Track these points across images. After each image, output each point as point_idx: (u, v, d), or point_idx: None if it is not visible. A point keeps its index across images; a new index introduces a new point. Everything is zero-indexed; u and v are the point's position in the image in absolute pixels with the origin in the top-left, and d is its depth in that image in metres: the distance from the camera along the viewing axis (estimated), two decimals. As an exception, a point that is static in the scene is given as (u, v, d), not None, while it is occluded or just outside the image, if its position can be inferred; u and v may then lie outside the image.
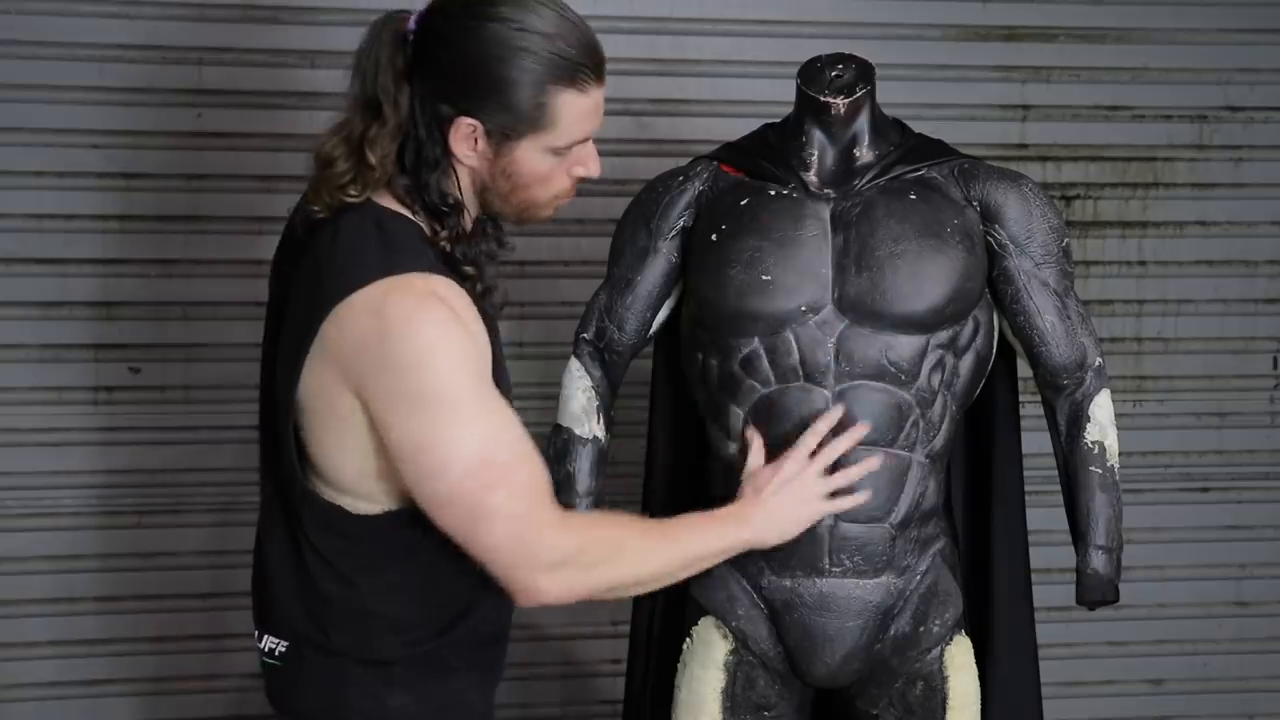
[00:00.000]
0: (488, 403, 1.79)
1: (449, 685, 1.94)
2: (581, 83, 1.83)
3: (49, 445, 3.26)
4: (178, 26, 3.22)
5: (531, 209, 1.93)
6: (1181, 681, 3.72)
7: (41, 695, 3.31)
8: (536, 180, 1.88)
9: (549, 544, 1.81)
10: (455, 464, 1.76)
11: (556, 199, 1.93)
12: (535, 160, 1.86)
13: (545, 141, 1.85)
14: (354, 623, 1.89)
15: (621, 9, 3.37)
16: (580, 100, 1.84)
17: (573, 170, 1.91)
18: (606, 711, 3.40)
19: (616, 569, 1.89)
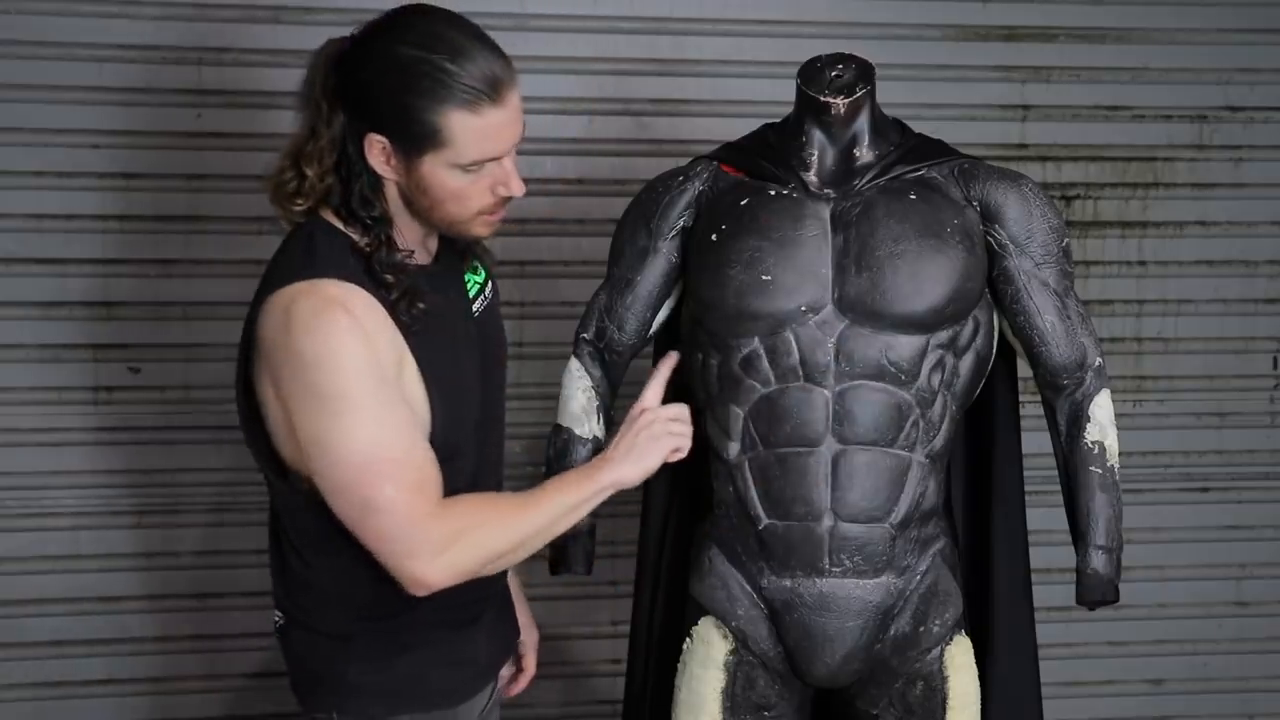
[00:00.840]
0: (382, 403, 1.91)
1: (405, 662, 2.08)
2: (474, 105, 1.90)
3: (49, 445, 3.26)
4: (178, 26, 3.22)
5: (457, 224, 2.01)
6: (1181, 681, 3.72)
7: (42, 695, 3.31)
8: (450, 196, 1.96)
9: (431, 533, 1.92)
10: (345, 458, 1.89)
11: (481, 215, 2.00)
12: (443, 176, 1.95)
13: (447, 158, 1.93)
14: (315, 598, 2.08)
15: (621, 9, 3.37)
16: (474, 120, 1.91)
17: (495, 189, 1.98)
18: (606, 711, 3.40)
19: (493, 539, 1.97)
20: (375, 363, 1.91)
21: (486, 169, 1.96)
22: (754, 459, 2.29)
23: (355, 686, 2.07)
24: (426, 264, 2.06)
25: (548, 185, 3.35)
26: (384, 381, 1.92)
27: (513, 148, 1.97)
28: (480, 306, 2.17)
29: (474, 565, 1.97)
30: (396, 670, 2.08)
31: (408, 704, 2.09)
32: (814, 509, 2.25)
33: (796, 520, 2.26)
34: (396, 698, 2.08)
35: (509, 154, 1.97)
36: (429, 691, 2.10)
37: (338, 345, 1.89)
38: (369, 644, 2.07)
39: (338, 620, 2.07)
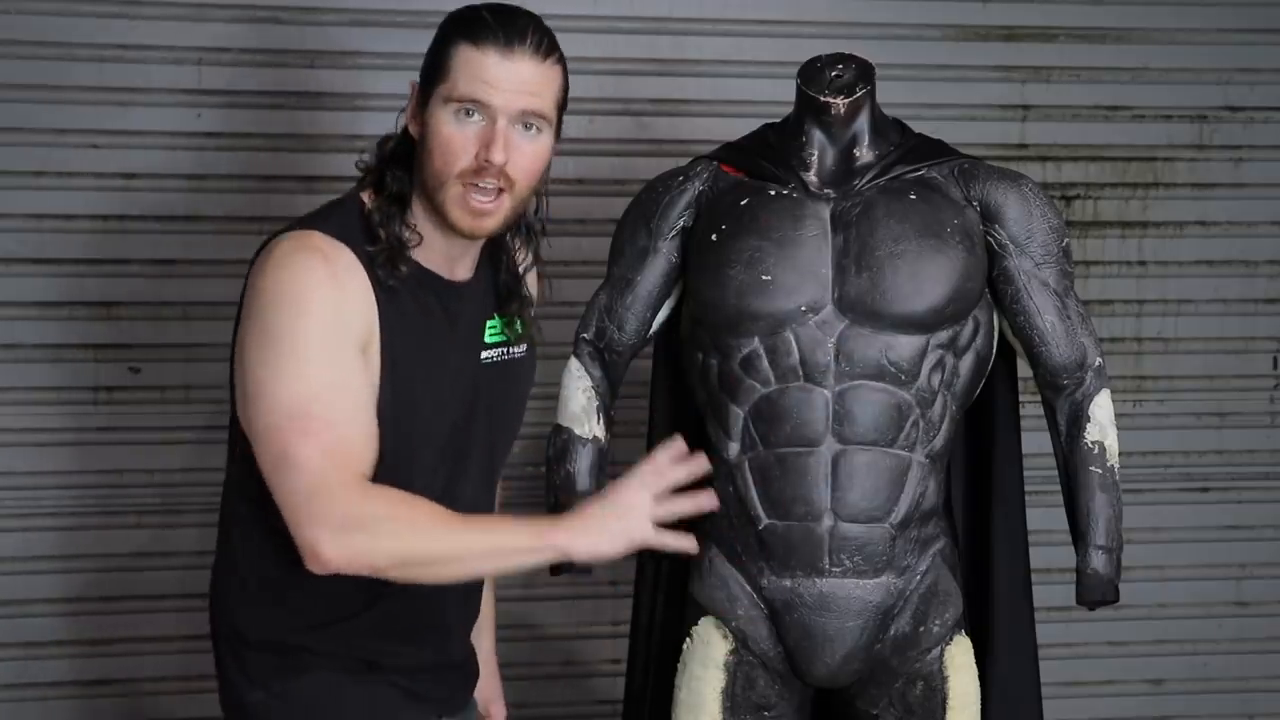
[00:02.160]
0: (333, 359, 1.83)
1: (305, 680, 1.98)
2: (477, 36, 1.90)
3: (49, 445, 3.26)
4: (178, 26, 3.22)
5: (440, 190, 1.93)
6: (1181, 681, 3.72)
7: (42, 695, 3.30)
8: (440, 145, 1.91)
9: (341, 505, 1.81)
10: (276, 403, 1.82)
11: (462, 179, 1.91)
12: (439, 117, 1.91)
13: (444, 92, 1.91)
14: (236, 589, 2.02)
15: (621, 9, 3.37)
16: (473, 53, 1.89)
17: (479, 152, 1.90)
18: (606, 711, 3.40)
19: (403, 542, 1.83)
20: (339, 319, 1.85)
21: (476, 123, 1.90)
22: (754, 459, 2.29)
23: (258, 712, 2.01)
24: (447, 277, 2.00)
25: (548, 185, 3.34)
26: (343, 341, 1.85)
27: (509, 110, 1.89)
28: (495, 358, 2.07)
29: (380, 559, 1.83)
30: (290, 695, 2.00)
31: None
32: (814, 509, 2.25)
33: (796, 520, 2.26)
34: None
35: (503, 115, 1.89)
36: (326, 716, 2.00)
37: (304, 288, 1.84)
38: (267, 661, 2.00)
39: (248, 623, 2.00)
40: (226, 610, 2.05)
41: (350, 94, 3.27)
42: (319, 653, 1.99)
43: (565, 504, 2.39)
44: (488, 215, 1.93)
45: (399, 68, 3.23)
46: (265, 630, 2.00)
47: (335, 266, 1.86)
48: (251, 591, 2.01)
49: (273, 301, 1.85)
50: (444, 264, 1.99)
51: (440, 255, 1.98)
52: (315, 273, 1.85)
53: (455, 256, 2.00)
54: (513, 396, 2.13)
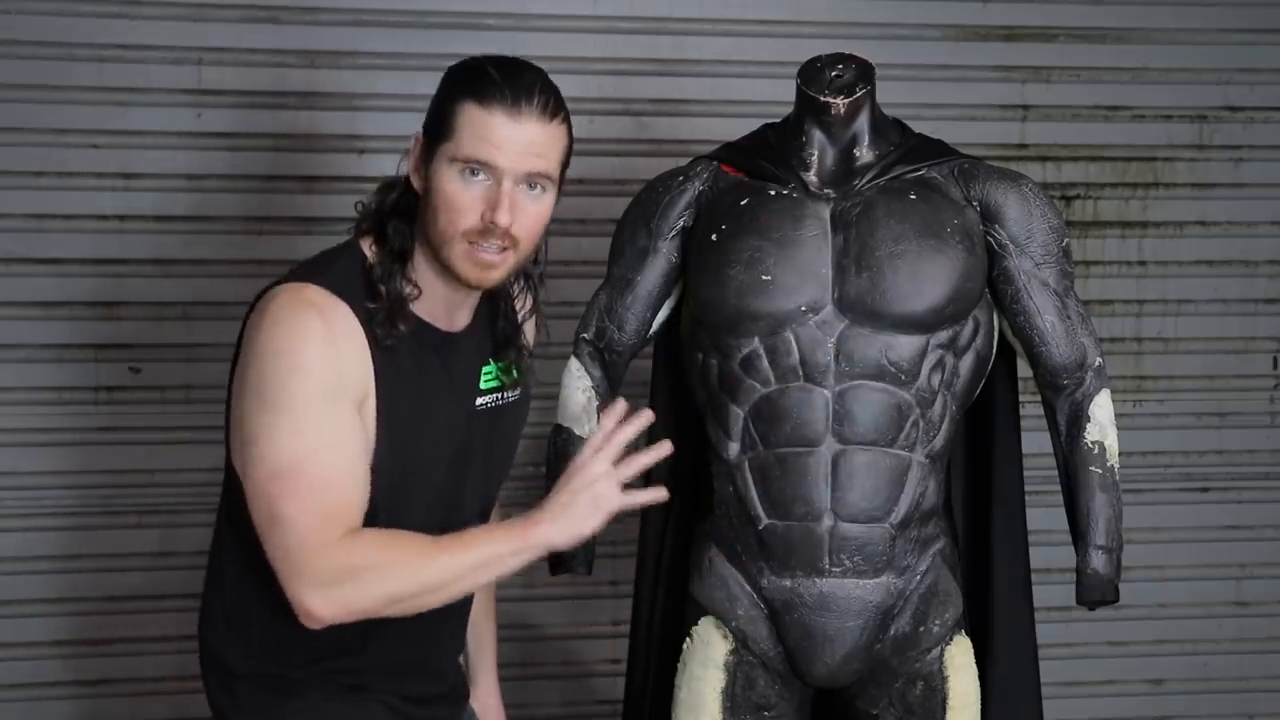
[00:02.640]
0: (326, 417, 1.83)
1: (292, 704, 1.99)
2: (484, 96, 1.89)
3: (49, 445, 3.26)
4: (178, 26, 3.22)
5: (445, 246, 1.92)
6: (1181, 681, 3.72)
7: (42, 695, 3.30)
8: (445, 202, 1.90)
9: (326, 561, 1.81)
10: (269, 459, 1.83)
11: (467, 238, 1.91)
12: (444, 175, 1.90)
13: (449, 152, 1.90)
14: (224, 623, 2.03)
15: (621, 9, 3.37)
16: (479, 113, 1.89)
17: (485, 211, 1.90)
18: (606, 711, 3.40)
19: (392, 581, 1.84)
20: (335, 377, 1.84)
21: (482, 183, 1.89)
22: (754, 459, 2.29)
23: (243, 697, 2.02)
24: (443, 329, 2.00)
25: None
26: (339, 399, 1.85)
27: (514, 172, 1.90)
28: (490, 403, 2.07)
29: (370, 605, 1.84)
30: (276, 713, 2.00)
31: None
32: (814, 509, 2.25)
33: (796, 520, 2.26)
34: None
35: (509, 177, 1.89)
36: None
37: (300, 346, 1.84)
38: (253, 690, 2.01)
39: (236, 655, 2.01)
40: (214, 642, 2.05)
41: (350, 94, 3.27)
42: (308, 684, 2.00)
43: None
44: (494, 269, 1.94)
45: (399, 68, 3.24)
46: (252, 664, 2.01)
47: (332, 324, 1.86)
48: (239, 627, 2.02)
49: (270, 358, 1.85)
50: (443, 314, 2.00)
51: (440, 305, 1.99)
52: (312, 330, 1.84)
53: (455, 304, 2.01)
54: (506, 438, 2.14)
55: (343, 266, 1.94)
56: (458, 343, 2.02)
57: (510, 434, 2.16)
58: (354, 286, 1.90)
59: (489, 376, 2.08)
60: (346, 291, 1.89)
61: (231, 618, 2.02)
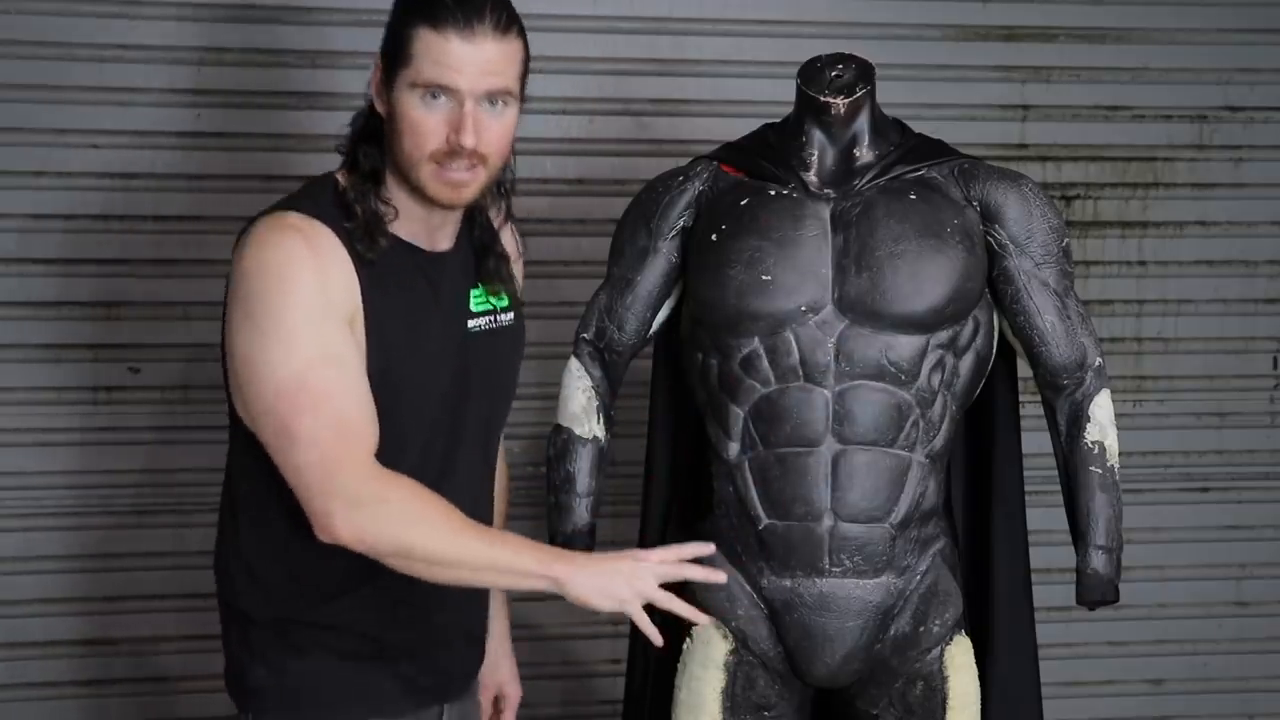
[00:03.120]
0: (319, 334, 1.86)
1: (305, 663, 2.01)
2: (437, 19, 1.89)
3: (49, 445, 3.26)
4: (178, 26, 3.22)
5: (413, 170, 1.94)
6: (1181, 681, 3.71)
7: (41, 695, 3.30)
8: (408, 127, 1.92)
9: (355, 481, 1.83)
10: (269, 383, 1.85)
11: (433, 161, 1.92)
12: (405, 101, 1.92)
13: (408, 78, 1.91)
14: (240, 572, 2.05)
15: (621, 9, 3.37)
16: (435, 39, 1.89)
17: (449, 133, 1.91)
18: (606, 711, 3.39)
19: (410, 533, 1.85)
20: (323, 294, 1.87)
21: (444, 105, 1.91)
22: (754, 459, 2.29)
23: (258, 688, 2.04)
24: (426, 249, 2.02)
25: (548, 185, 3.35)
26: (329, 315, 1.87)
27: (475, 92, 1.90)
28: (482, 326, 2.08)
29: (384, 543, 1.85)
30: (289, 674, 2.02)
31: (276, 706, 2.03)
32: (814, 509, 2.25)
33: (796, 520, 2.26)
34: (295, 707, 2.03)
35: (470, 98, 1.90)
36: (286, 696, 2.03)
37: (285, 267, 1.87)
38: (270, 640, 2.03)
39: (252, 602, 2.03)
40: (230, 590, 2.07)
41: (350, 94, 3.23)
42: (320, 630, 2.01)
43: (565, 504, 2.40)
44: (465, 186, 1.95)
45: (399, 68, 3.23)
46: (267, 608, 2.03)
47: (314, 244, 1.89)
48: (253, 570, 2.04)
49: (256, 283, 1.88)
50: (424, 235, 2.02)
51: (419, 226, 2.01)
52: (295, 251, 1.87)
53: (435, 226, 2.02)
54: (505, 364, 2.14)
55: (318, 194, 1.97)
56: (443, 262, 2.04)
57: (508, 361, 2.15)
58: (331, 211, 1.94)
59: (479, 299, 2.08)
60: (325, 215, 1.93)
61: (245, 561, 2.04)
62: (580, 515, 2.41)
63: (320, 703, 2.03)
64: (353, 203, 1.94)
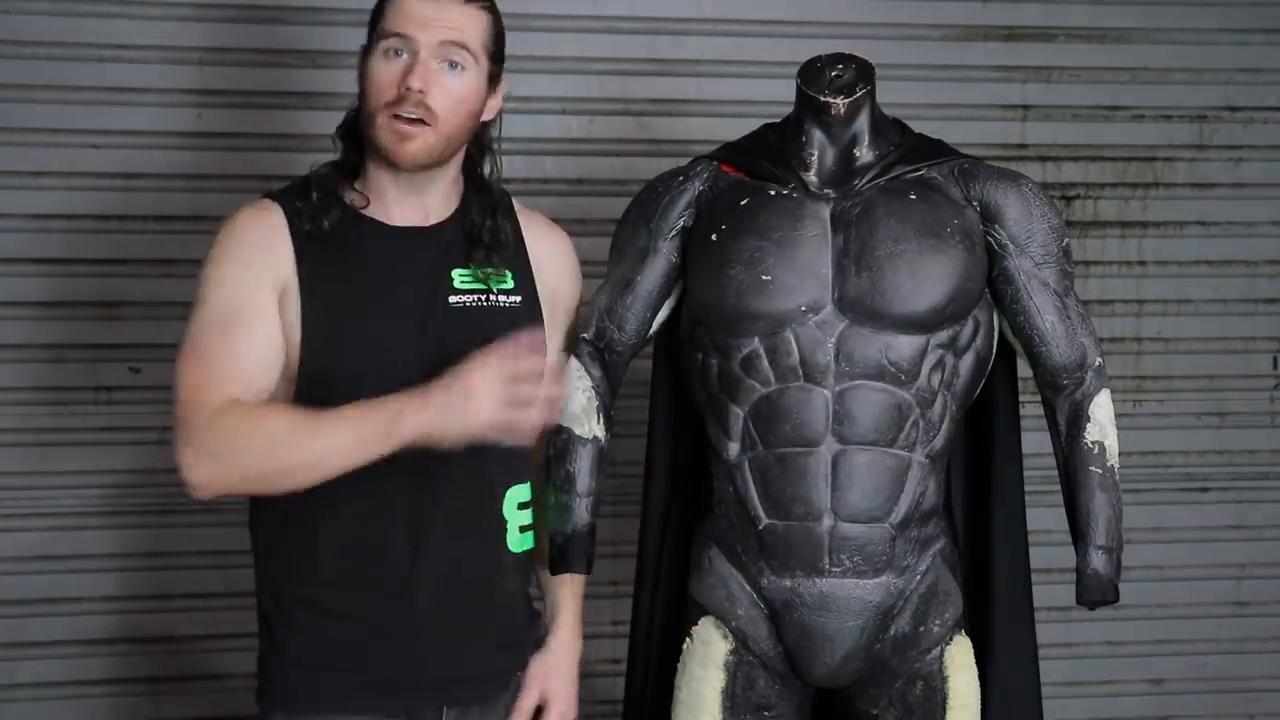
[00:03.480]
0: (230, 293, 1.97)
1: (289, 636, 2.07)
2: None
3: (49, 445, 3.26)
4: (178, 26, 3.23)
5: (370, 126, 2.03)
6: (1181, 681, 3.71)
7: (41, 695, 3.30)
8: (368, 85, 2.03)
9: (196, 429, 1.91)
10: (183, 341, 1.98)
11: (388, 109, 2.01)
12: (370, 62, 2.04)
13: (375, 40, 2.04)
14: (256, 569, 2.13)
15: (621, 9, 3.37)
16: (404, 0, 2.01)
17: (400, 84, 1.99)
18: (606, 711, 3.39)
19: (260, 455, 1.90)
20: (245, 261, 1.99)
21: (401, 60, 2.00)
22: (754, 459, 2.29)
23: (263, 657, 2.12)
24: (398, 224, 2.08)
25: (548, 185, 3.35)
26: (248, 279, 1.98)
27: (429, 44, 2.00)
28: (466, 303, 2.09)
29: (237, 477, 1.92)
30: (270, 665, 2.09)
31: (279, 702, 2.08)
32: (814, 509, 2.25)
33: (796, 520, 2.26)
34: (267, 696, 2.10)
35: (424, 48, 2.00)
36: (287, 690, 2.07)
37: (219, 243, 2.02)
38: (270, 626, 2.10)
39: (262, 596, 2.12)
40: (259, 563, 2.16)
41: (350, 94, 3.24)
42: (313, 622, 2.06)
43: (565, 504, 2.40)
44: (411, 139, 2.01)
45: (399, 68, 3.23)
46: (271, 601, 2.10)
47: (254, 220, 2.03)
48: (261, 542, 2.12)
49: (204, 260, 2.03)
50: (398, 213, 2.09)
51: (394, 206, 2.08)
52: (237, 224, 2.03)
53: (407, 201, 2.09)
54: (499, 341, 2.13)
55: (295, 184, 2.10)
56: (418, 237, 2.09)
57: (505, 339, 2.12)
58: (290, 195, 2.07)
59: (464, 277, 2.11)
60: (282, 198, 2.06)
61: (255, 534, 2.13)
62: (580, 515, 2.41)
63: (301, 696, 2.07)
64: (311, 186, 2.04)
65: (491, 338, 2.03)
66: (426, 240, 2.09)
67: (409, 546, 2.06)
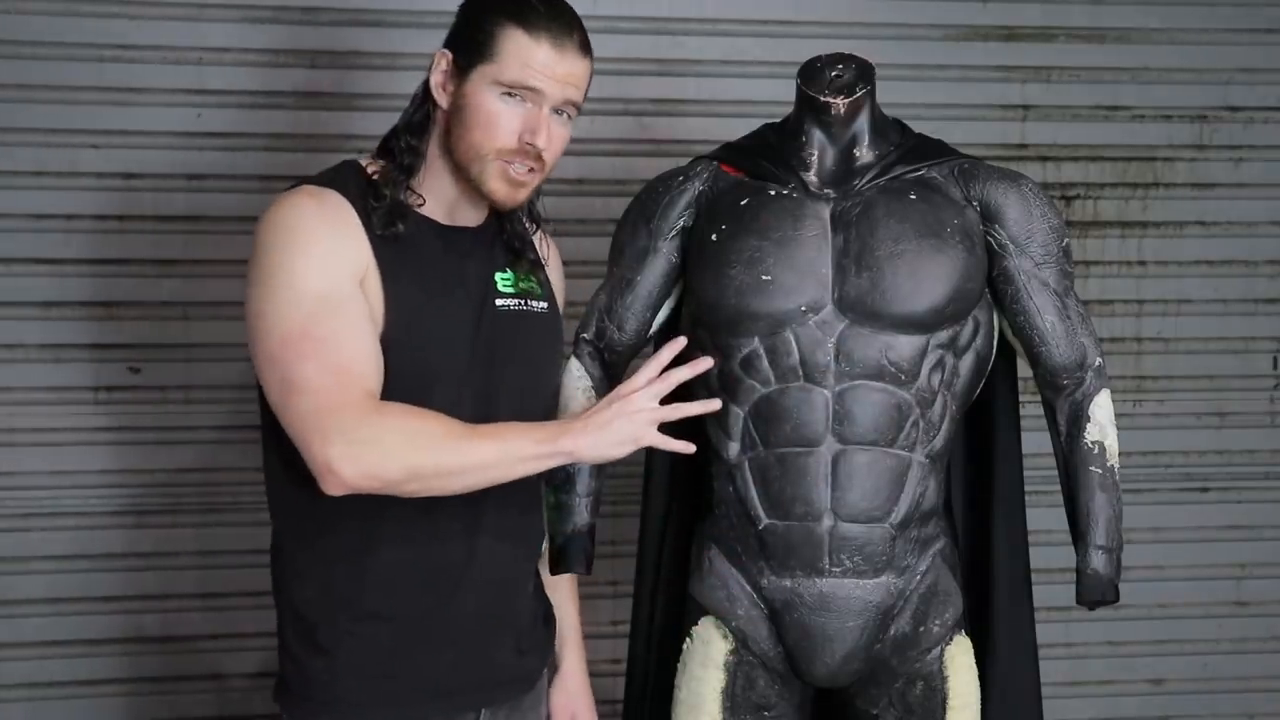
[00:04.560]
0: (324, 284, 1.92)
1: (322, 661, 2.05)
2: (530, 24, 1.98)
3: (49, 445, 3.26)
4: (178, 26, 3.22)
5: (476, 162, 2.01)
6: (1181, 681, 3.72)
7: (41, 695, 3.30)
8: (482, 121, 2.00)
9: (350, 421, 1.87)
10: (274, 332, 1.90)
11: (501, 158, 2.00)
12: (482, 95, 2.00)
13: (491, 74, 1.99)
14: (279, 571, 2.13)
15: (621, 9, 3.37)
16: (525, 40, 1.98)
17: (523, 133, 1.99)
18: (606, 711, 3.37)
19: (413, 453, 1.88)
20: (331, 248, 1.93)
21: (521, 106, 1.99)
22: (754, 459, 2.29)
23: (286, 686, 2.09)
24: (446, 223, 2.08)
25: (548, 185, 3.33)
26: (336, 268, 1.93)
27: (554, 100, 2.00)
28: (511, 306, 2.13)
29: (392, 471, 1.88)
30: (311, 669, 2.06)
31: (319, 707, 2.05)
32: (814, 509, 2.25)
33: (796, 520, 2.26)
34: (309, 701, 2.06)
35: (548, 103, 2.00)
36: (332, 698, 2.04)
37: (294, 224, 1.93)
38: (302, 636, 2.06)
39: (289, 600, 2.08)
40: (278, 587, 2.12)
41: (350, 94, 3.27)
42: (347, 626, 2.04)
43: (565, 504, 2.40)
44: (524, 187, 2.04)
45: (399, 68, 3.24)
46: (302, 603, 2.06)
47: (325, 205, 1.96)
48: (294, 567, 2.08)
49: (267, 239, 1.94)
50: (445, 214, 2.09)
51: (442, 209, 2.08)
52: (306, 210, 1.94)
53: (461, 209, 2.10)
54: (539, 346, 2.17)
55: (338, 174, 2.04)
56: (466, 238, 2.10)
57: (542, 341, 2.17)
58: (350, 186, 2.01)
59: (505, 281, 2.14)
60: (338, 185, 2.00)
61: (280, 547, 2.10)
62: (580, 515, 2.41)
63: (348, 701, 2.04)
64: (381, 187, 2.00)
65: (529, 342, 2.10)
66: (476, 241, 2.12)
67: (464, 549, 2.08)
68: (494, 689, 2.17)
